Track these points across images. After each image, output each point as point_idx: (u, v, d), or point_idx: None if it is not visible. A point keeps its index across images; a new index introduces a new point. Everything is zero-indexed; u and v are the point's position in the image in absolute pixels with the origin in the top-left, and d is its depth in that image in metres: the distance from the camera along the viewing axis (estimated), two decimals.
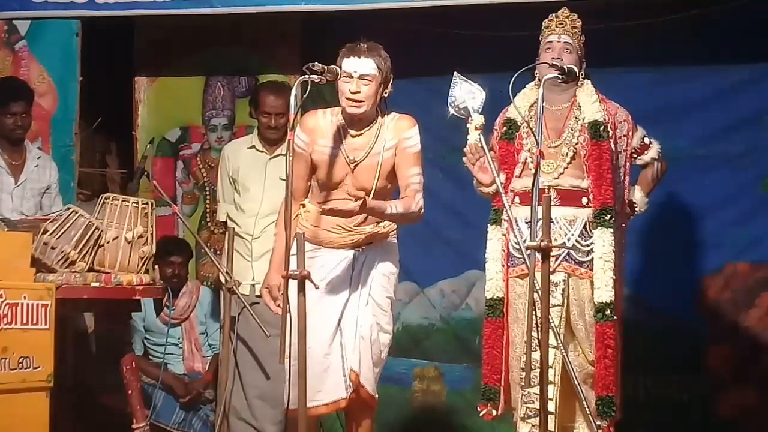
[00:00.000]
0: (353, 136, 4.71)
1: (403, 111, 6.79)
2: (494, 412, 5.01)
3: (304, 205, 4.79)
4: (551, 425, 4.55)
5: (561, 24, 4.98)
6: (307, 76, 4.31)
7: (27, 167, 5.98)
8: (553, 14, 5.02)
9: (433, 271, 6.80)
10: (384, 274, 4.81)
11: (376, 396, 4.85)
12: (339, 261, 4.73)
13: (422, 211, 4.76)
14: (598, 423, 4.83)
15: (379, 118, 4.75)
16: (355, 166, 4.70)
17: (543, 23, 5.02)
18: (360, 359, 4.71)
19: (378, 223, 4.75)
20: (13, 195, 5.90)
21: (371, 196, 4.62)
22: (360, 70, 4.59)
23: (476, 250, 5.40)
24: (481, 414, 5.04)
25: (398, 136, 4.74)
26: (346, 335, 4.71)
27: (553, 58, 4.80)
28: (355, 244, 4.75)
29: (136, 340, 6.22)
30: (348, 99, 4.62)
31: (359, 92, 4.60)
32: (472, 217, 6.13)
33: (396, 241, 4.90)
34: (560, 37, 4.95)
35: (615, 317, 4.84)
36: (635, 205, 5.14)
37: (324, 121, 4.76)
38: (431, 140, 6.65)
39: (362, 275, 4.76)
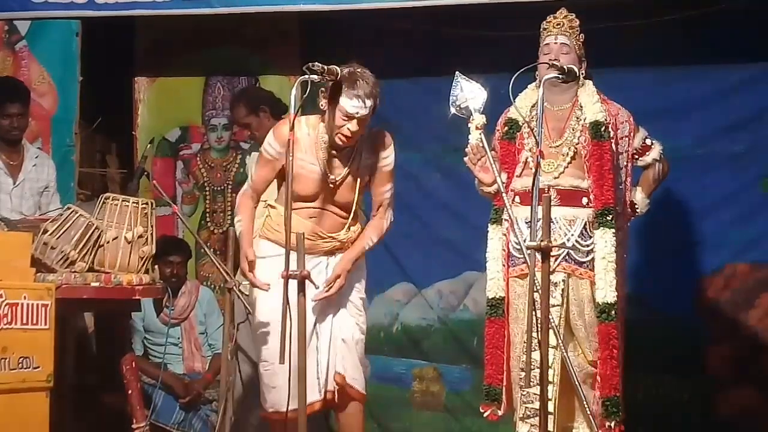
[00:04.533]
0: (334, 156, 4.70)
1: (403, 111, 6.85)
2: (498, 413, 5.01)
3: (273, 206, 4.79)
4: (550, 425, 4.55)
5: (558, 25, 4.98)
6: (307, 76, 4.30)
7: (25, 167, 5.97)
8: (551, 15, 5.02)
9: (431, 271, 6.80)
10: (356, 275, 4.84)
11: (365, 393, 4.88)
12: (312, 267, 4.68)
13: (392, 223, 4.86)
14: (608, 424, 4.83)
15: None
16: (335, 185, 4.70)
17: (541, 25, 5.02)
18: (344, 361, 4.74)
19: (349, 228, 4.76)
20: (12, 195, 5.89)
21: (352, 211, 4.72)
22: (361, 113, 4.57)
23: (474, 250, 5.39)
24: (485, 414, 5.04)
25: (376, 153, 4.75)
26: (322, 339, 4.72)
27: (550, 60, 4.78)
28: (329, 251, 4.77)
29: (136, 340, 6.22)
30: (343, 135, 4.60)
31: (357, 130, 4.60)
32: (471, 218, 6.14)
33: None
34: (557, 39, 4.95)
35: (617, 317, 4.85)
36: (636, 206, 5.14)
37: (301, 133, 4.68)
38: (430, 140, 6.69)
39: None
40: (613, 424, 4.82)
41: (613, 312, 4.83)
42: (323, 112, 4.66)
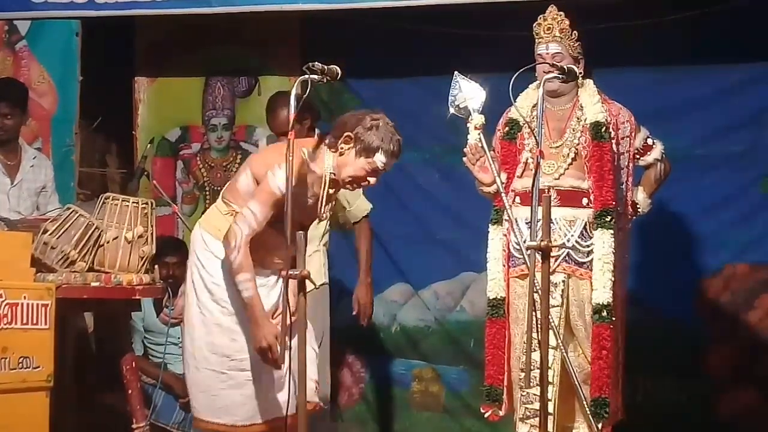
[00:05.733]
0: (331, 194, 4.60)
1: (403, 111, 6.83)
2: (500, 413, 5.01)
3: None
4: (550, 426, 4.55)
5: (548, 30, 4.95)
6: (307, 76, 4.29)
7: (23, 167, 5.97)
8: (541, 17, 5.00)
9: (428, 272, 6.79)
10: None
11: None
12: (261, 284, 4.54)
13: None
14: (597, 425, 4.83)
15: None
16: (319, 217, 4.64)
17: (533, 27, 5.00)
18: (318, 370, 4.66)
19: None
20: (10, 195, 5.89)
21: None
22: (387, 169, 4.50)
23: (472, 251, 5.39)
24: (486, 415, 5.04)
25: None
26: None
27: (545, 72, 4.73)
28: (281, 268, 4.63)
29: (136, 340, 6.21)
30: (358, 185, 4.54)
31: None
32: (469, 219, 6.14)
33: None
34: (548, 48, 4.94)
35: (613, 318, 4.85)
36: (638, 206, 5.14)
37: (303, 167, 4.50)
38: (429, 140, 6.69)
39: None
40: (601, 425, 4.83)
41: (604, 312, 4.83)
42: (333, 148, 4.47)
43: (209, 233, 4.57)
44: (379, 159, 4.43)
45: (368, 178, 4.49)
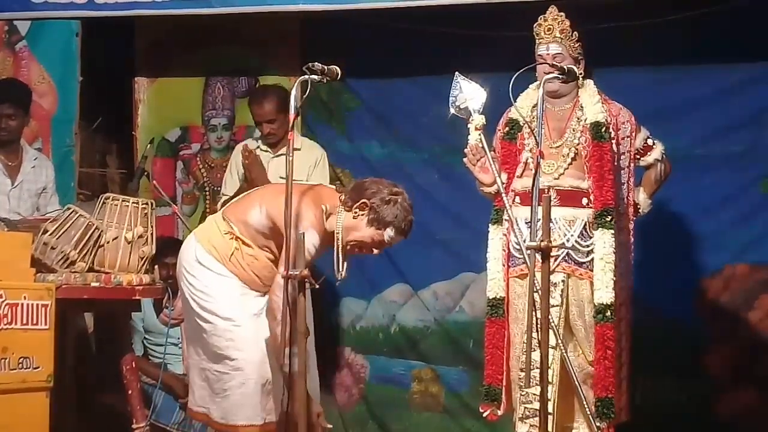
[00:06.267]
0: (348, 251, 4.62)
1: (403, 111, 6.84)
2: (498, 413, 5.01)
3: (248, 244, 4.59)
4: (550, 426, 4.54)
5: (549, 30, 4.96)
6: (307, 76, 4.29)
7: (24, 168, 5.97)
8: (541, 17, 5.00)
9: (428, 272, 6.78)
10: None
11: None
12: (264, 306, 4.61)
13: None
14: (598, 424, 4.83)
15: None
16: None
17: (533, 29, 5.00)
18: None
19: None
20: (10, 196, 5.90)
21: None
22: (394, 243, 4.57)
23: (471, 251, 5.37)
24: (485, 414, 5.04)
25: None
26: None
27: (545, 72, 4.73)
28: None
29: (136, 340, 6.21)
30: (361, 252, 4.58)
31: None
32: (468, 219, 6.14)
33: None
34: (548, 48, 4.94)
35: (614, 318, 4.85)
36: (638, 207, 5.14)
37: (321, 223, 4.54)
38: (429, 140, 6.69)
39: None
40: (604, 425, 4.82)
41: (608, 313, 4.83)
42: (347, 207, 4.51)
43: (203, 247, 4.59)
44: (388, 234, 4.51)
45: (372, 249, 4.54)
